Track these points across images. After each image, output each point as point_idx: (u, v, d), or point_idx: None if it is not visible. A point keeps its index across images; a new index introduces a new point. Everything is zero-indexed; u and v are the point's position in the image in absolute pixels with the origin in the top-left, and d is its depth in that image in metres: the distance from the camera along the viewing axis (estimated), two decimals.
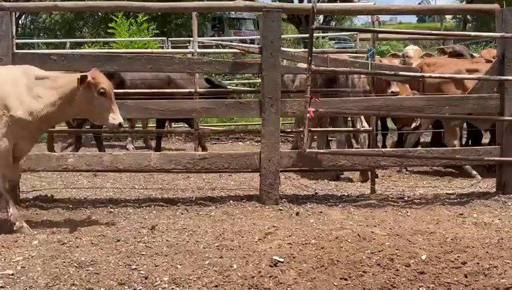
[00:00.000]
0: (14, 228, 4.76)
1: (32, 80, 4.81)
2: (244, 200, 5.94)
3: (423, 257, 3.97)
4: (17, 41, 6.13)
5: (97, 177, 7.50)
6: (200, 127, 9.27)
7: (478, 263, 3.86)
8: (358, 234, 4.49)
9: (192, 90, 8.35)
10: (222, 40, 15.39)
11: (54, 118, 5.01)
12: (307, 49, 6.13)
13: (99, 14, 23.90)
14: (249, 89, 9.63)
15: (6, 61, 5.67)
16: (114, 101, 4.86)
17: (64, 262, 3.94)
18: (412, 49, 9.79)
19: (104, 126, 5.66)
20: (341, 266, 3.81)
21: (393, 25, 51.40)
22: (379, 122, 9.47)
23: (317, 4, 5.77)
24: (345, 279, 3.64)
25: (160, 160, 5.95)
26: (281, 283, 3.58)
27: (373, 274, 3.70)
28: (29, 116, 4.72)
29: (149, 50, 10.78)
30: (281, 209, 5.67)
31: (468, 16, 33.86)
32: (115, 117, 4.82)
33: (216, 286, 3.55)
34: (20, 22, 27.79)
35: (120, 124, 4.85)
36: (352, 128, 8.12)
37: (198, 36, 9.35)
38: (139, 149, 10.64)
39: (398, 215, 5.48)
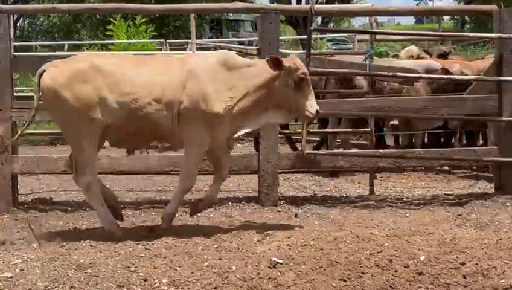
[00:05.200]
0: None
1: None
2: (243, 202, 5.94)
3: (422, 258, 3.97)
4: (15, 44, 6.13)
5: None
6: None
7: (477, 264, 3.86)
8: (357, 235, 4.48)
9: None
10: (220, 42, 15.36)
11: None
12: (305, 51, 6.14)
13: (97, 16, 23.88)
14: None
15: (4, 64, 5.67)
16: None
17: (63, 264, 3.93)
18: (406, 50, 9.84)
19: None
20: (340, 267, 3.81)
21: (391, 26, 51.40)
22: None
23: (315, 5, 5.79)
24: (344, 280, 3.64)
25: (159, 162, 5.94)
26: (280, 285, 3.57)
27: (372, 275, 3.70)
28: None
29: (148, 52, 10.77)
30: (280, 211, 5.67)
31: (466, 17, 33.90)
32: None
33: (215, 288, 3.55)
34: (18, 24, 27.77)
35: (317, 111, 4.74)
36: (351, 130, 8.12)
37: (197, 38, 9.36)
38: None
39: (397, 216, 5.49)
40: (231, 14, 28.77)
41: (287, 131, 8.76)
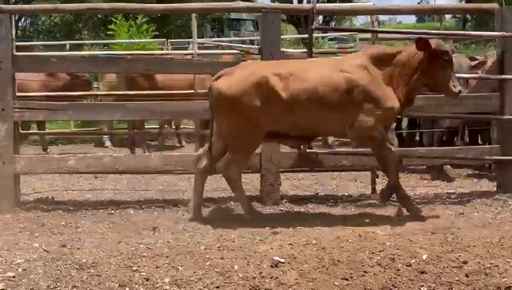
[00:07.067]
0: None
1: None
2: None
3: (424, 257, 3.97)
4: (16, 43, 6.13)
5: (98, 179, 7.50)
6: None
7: (479, 262, 3.86)
8: (359, 234, 4.49)
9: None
10: (222, 41, 15.35)
11: None
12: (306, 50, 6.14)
13: (99, 15, 23.86)
14: None
15: (5, 64, 5.67)
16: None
17: (65, 264, 3.94)
18: None
19: None
20: (342, 266, 3.82)
21: (393, 25, 51.36)
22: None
23: (317, 4, 5.78)
24: (346, 279, 3.64)
25: (161, 161, 5.95)
26: (282, 284, 3.58)
27: (374, 274, 3.70)
28: None
29: (150, 52, 10.77)
30: (282, 210, 5.67)
31: (468, 15, 33.85)
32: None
33: (217, 287, 3.56)
34: (19, 24, 27.76)
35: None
36: None
37: (198, 37, 9.36)
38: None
39: (399, 215, 5.48)
40: (232, 14, 28.76)
41: None
